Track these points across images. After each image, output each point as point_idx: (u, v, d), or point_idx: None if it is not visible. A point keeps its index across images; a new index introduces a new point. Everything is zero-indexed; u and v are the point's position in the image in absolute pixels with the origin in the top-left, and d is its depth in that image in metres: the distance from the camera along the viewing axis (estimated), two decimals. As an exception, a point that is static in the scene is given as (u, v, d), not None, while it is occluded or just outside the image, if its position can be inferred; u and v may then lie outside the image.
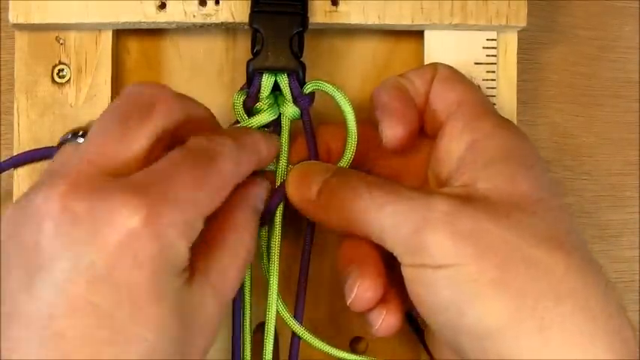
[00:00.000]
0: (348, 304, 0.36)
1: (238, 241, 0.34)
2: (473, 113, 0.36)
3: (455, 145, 0.35)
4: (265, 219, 0.38)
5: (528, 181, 0.33)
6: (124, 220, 0.29)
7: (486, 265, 0.31)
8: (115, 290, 0.29)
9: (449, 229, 0.32)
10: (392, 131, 0.37)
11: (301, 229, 0.39)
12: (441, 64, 0.39)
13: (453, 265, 0.31)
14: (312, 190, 0.36)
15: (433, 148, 0.37)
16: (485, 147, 0.35)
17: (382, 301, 0.36)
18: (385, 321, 0.36)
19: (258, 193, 0.36)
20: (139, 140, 0.31)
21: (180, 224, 0.30)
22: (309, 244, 0.39)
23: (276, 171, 0.39)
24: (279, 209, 0.38)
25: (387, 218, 0.33)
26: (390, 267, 0.36)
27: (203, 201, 0.31)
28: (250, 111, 0.39)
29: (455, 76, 0.38)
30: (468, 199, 0.33)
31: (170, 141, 0.32)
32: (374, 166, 0.39)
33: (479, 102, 0.37)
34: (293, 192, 0.37)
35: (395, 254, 0.34)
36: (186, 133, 0.33)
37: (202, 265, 0.32)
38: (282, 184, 0.38)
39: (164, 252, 0.29)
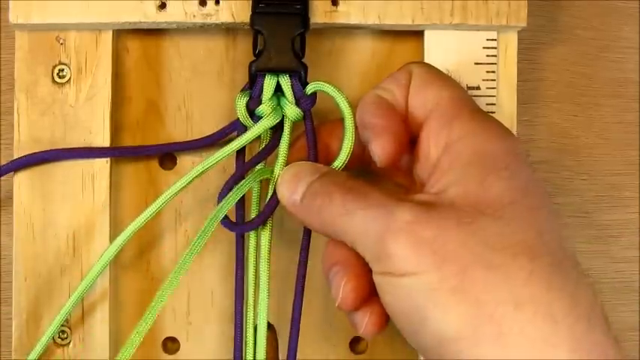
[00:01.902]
0: (336, 305, 0.36)
1: None
2: (448, 114, 0.35)
3: (432, 150, 0.35)
4: (261, 221, 0.38)
5: (499, 184, 0.33)
6: None
7: (446, 274, 0.31)
8: None
9: (410, 239, 0.32)
10: (382, 150, 0.36)
11: (299, 229, 0.39)
12: (416, 64, 0.38)
13: (415, 274, 0.32)
14: (298, 192, 0.36)
15: (414, 151, 0.37)
16: (459, 150, 0.34)
17: (367, 302, 0.36)
18: (370, 321, 0.36)
19: None
20: None
21: None
22: (307, 244, 0.39)
23: (274, 173, 0.39)
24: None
25: (357, 225, 0.33)
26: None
27: None
28: (253, 113, 0.39)
29: (430, 75, 0.37)
30: (434, 206, 0.33)
31: None
32: (371, 163, 0.39)
33: (455, 100, 0.36)
34: (282, 193, 0.37)
35: (366, 260, 0.34)
36: None
37: None
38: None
39: None
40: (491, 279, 0.31)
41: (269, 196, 0.39)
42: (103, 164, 0.40)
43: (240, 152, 0.39)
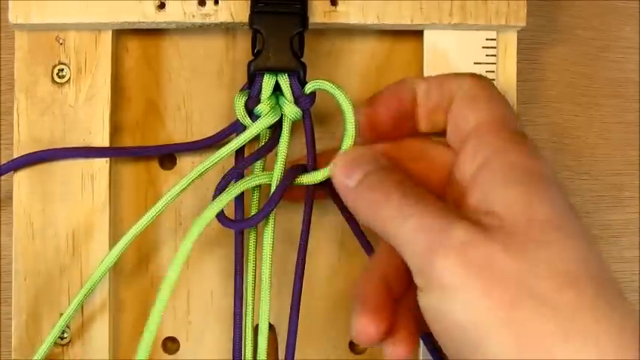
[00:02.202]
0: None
1: None
2: (488, 130, 0.35)
3: (469, 165, 0.35)
4: (261, 218, 0.38)
5: (545, 207, 0.32)
6: None
7: (495, 302, 0.31)
8: None
9: (461, 258, 0.31)
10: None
11: (296, 228, 0.39)
12: (467, 77, 0.37)
13: (462, 295, 0.31)
14: (353, 178, 0.36)
15: (453, 165, 0.36)
16: (498, 166, 0.34)
17: (392, 332, 0.35)
18: (394, 352, 0.35)
19: None
20: None
21: None
22: (305, 243, 0.39)
23: (273, 174, 0.39)
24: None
25: (408, 232, 0.33)
26: (407, 287, 0.36)
27: None
28: (252, 112, 0.39)
29: (481, 93, 0.36)
30: (485, 228, 0.32)
31: None
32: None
33: (498, 118, 0.35)
34: (336, 176, 0.36)
35: (411, 269, 0.33)
36: None
37: None
38: (280, 187, 0.38)
39: None
40: (540, 310, 0.30)
41: (271, 194, 0.39)
42: (102, 164, 0.40)
43: (240, 152, 0.39)
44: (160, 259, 0.42)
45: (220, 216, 0.38)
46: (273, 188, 0.39)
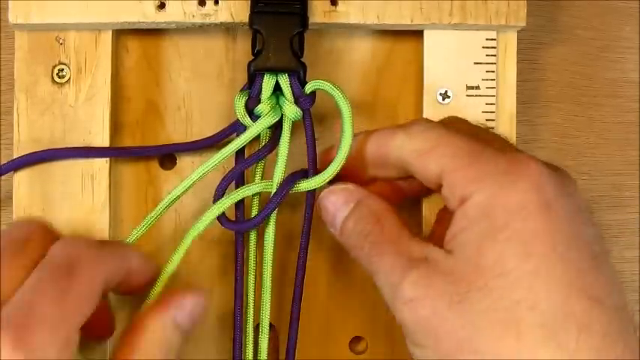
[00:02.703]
0: None
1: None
2: (462, 167, 0.34)
3: (450, 201, 0.34)
4: (261, 219, 0.38)
5: (494, 249, 0.32)
6: None
7: (442, 353, 0.32)
8: None
9: (412, 315, 0.33)
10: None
11: (297, 228, 0.39)
12: (403, 131, 0.37)
13: (419, 347, 0.33)
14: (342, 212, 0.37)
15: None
16: (468, 207, 0.33)
17: None
18: None
19: (179, 308, 0.35)
20: (12, 273, 0.32)
21: (54, 345, 0.31)
22: (306, 243, 0.39)
23: (274, 174, 0.39)
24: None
25: (378, 283, 0.35)
26: None
27: (71, 313, 0.32)
28: (252, 112, 0.39)
29: (428, 135, 0.36)
30: (436, 275, 0.33)
31: None
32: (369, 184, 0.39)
33: (465, 150, 0.35)
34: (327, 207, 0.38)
35: None
36: None
37: None
38: (281, 188, 0.38)
39: None
40: None
41: (272, 194, 0.39)
42: (102, 164, 0.40)
43: (240, 152, 0.39)
44: (159, 259, 0.42)
45: (221, 217, 0.38)
46: (273, 191, 0.39)
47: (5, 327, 0.30)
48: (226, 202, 0.38)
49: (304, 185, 0.39)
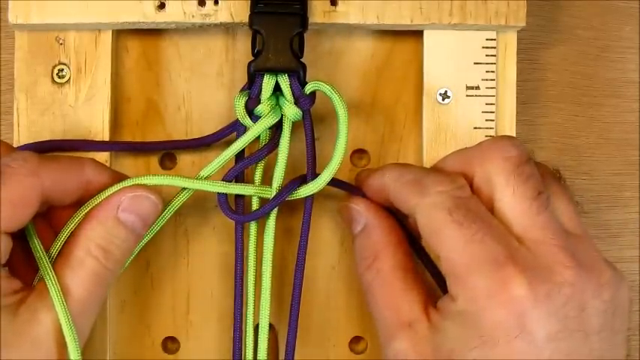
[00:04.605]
0: None
1: (80, 256, 0.36)
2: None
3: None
4: (260, 215, 0.39)
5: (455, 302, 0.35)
6: None
7: None
8: None
9: None
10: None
11: (297, 228, 0.39)
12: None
13: None
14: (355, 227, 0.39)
15: None
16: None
17: None
18: None
19: (123, 203, 0.37)
20: None
21: None
22: (305, 242, 0.39)
23: (273, 175, 0.39)
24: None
25: (371, 310, 0.38)
26: None
27: None
28: (252, 113, 0.39)
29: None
30: (419, 342, 0.36)
31: None
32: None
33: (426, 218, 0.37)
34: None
35: None
36: None
37: (42, 285, 0.35)
38: (282, 189, 0.38)
39: None
40: None
41: (273, 195, 0.39)
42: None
43: (240, 152, 0.39)
44: (159, 260, 0.42)
45: (223, 205, 0.39)
46: (273, 194, 0.39)
47: None
48: (227, 189, 0.38)
49: (302, 191, 0.39)
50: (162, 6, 0.39)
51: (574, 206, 0.37)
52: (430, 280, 0.39)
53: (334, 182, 0.39)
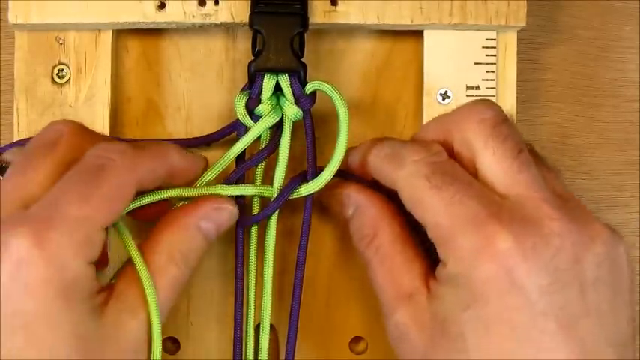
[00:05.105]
0: None
1: (162, 262, 0.35)
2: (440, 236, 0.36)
3: None
4: (261, 218, 0.39)
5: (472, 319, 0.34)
6: (14, 249, 0.31)
7: None
8: (9, 319, 0.30)
9: (396, 343, 0.37)
10: None
11: (297, 227, 0.39)
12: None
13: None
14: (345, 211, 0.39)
15: None
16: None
17: None
18: None
19: (206, 213, 0.37)
20: (42, 173, 0.33)
21: (73, 244, 0.32)
22: (305, 242, 0.39)
23: (274, 175, 0.39)
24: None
25: (372, 283, 0.38)
26: None
27: (94, 215, 0.33)
28: (252, 112, 0.39)
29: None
30: (418, 318, 0.36)
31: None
32: None
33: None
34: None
35: None
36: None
37: (122, 285, 0.34)
38: (283, 189, 0.38)
39: (57, 275, 0.31)
40: None
41: (274, 194, 0.39)
42: (102, 164, 0.40)
43: (240, 156, 0.39)
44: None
45: None
46: (274, 196, 0.39)
47: (27, 224, 0.31)
48: (227, 191, 0.38)
49: (303, 190, 0.39)
50: (162, 6, 0.39)
51: (557, 173, 0.38)
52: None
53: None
